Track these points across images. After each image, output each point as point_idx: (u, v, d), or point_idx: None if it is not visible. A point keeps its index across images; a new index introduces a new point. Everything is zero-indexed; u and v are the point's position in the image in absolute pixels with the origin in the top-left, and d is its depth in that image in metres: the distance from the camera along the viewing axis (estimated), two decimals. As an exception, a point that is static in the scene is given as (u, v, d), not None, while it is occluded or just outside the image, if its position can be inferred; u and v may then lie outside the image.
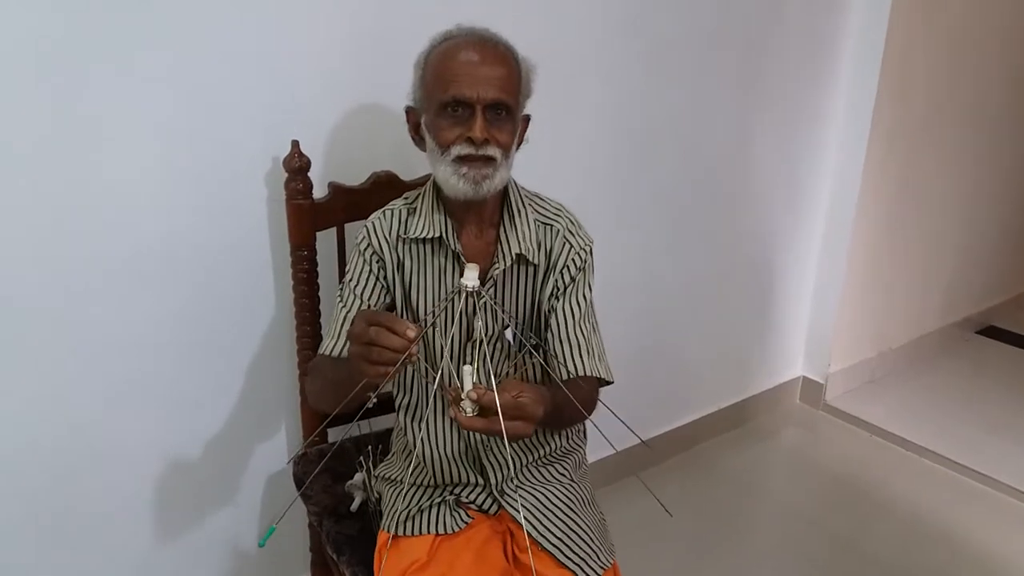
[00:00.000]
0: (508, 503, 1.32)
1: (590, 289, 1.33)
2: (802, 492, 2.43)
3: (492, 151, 1.17)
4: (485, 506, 1.35)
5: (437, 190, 1.26)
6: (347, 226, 1.54)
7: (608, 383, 1.30)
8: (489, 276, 1.26)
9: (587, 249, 1.31)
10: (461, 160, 1.17)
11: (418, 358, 1.00)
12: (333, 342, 1.27)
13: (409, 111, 1.27)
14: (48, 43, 1.28)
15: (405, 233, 1.28)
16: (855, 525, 2.26)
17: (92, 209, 1.39)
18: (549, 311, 1.30)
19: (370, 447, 1.52)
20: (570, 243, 1.30)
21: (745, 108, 2.32)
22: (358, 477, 1.48)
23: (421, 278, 1.29)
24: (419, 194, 1.32)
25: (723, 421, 2.66)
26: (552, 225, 1.30)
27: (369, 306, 1.28)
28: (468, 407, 0.99)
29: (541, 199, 1.34)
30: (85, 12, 1.30)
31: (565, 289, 1.29)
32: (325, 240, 1.53)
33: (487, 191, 1.19)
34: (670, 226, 2.26)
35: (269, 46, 1.47)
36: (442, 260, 1.27)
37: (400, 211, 1.30)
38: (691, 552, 2.14)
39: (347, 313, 1.28)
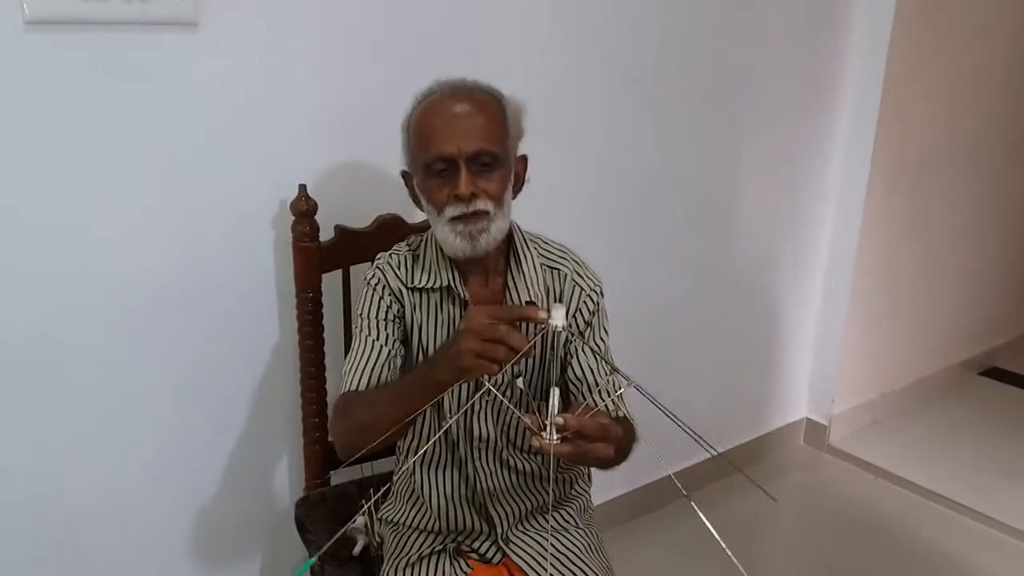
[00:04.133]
0: (513, 551, 1.30)
1: (606, 332, 1.30)
2: (808, 535, 2.41)
3: (483, 204, 1.15)
4: (488, 555, 1.32)
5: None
6: (352, 268, 1.54)
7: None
8: None
9: (597, 290, 1.29)
10: (455, 220, 1.16)
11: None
12: (363, 377, 1.21)
13: (405, 175, 1.27)
14: (56, 91, 1.29)
15: (411, 282, 1.27)
16: (861, 568, 2.23)
17: (99, 252, 1.39)
18: (567, 356, 1.27)
19: (372, 489, 1.51)
20: (580, 286, 1.28)
21: (744, 151, 2.32)
22: (360, 520, 1.45)
23: (429, 326, 1.27)
24: (422, 240, 1.31)
25: (726, 464, 2.55)
26: (559, 269, 1.28)
27: (390, 339, 1.24)
28: (553, 433, 0.94)
29: (544, 241, 1.32)
30: (94, 63, 1.31)
31: (581, 333, 1.27)
32: (329, 281, 1.53)
33: (485, 245, 1.17)
34: (670, 269, 2.26)
35: (276, 91, 1.49)
36: (451, 308, 1.26)
37: (405, 257, 1.29)
38: None
39: (374, 344, 1.23)
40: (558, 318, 0.97)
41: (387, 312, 1.26)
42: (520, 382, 1.26)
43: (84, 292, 1.40)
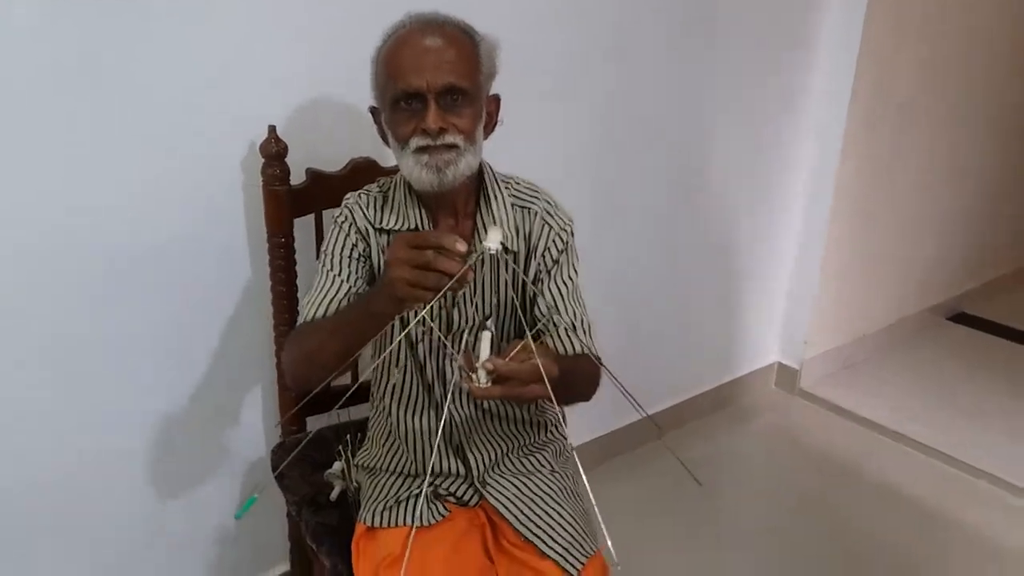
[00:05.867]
0: (490, 493, 1.30)
1: (575, 271, 1.29)
2: (778, 477, 2.45)
3: (452, 138, 1.12)
4: (465, 497, 1.33)
5: (409, 183, 1.22)
6: (324, 212, 1.51)
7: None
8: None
9: (568, 230, 1.28)
10: (421, 151, 1.13)
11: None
12: (319, 309, 1.20)
13: (373, 111, 1.24)
14: (13, 45, 1.25)
15: (379, 223, 1.25)
16: (830, 510, 2.27)
17: (66, 197, 1.35)
18: (535, 295, 1.27)
19: (349, 435, 1.50)
20: (549, 225, 1.27)
21: (719, 95, 2.28)
22: (337, 466, 1.46)
23: None
24: (393, 182, 1.28)
25: (698, 408, 2.65)
26: (529, 207, 1.27)
27: (352, 276, 1.23)
28: (483, 376, 0.94)
29: (516, 181, 1.30)
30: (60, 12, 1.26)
31: (549, 272, 1.27)
32: (302, 227, 1.51)
33: (452, 178, 1.14)
34: (644, 212, 2.24)
35: (246, 30, 1.44)
36: None
37: (375, 197, 1.27)
38: (673, 537, 2.14)
39: (335, 280, 1.22)
40: (492, 240, 0.94)
41: (352, 250, 1.24)
42: (490, 323, 1.25)
43: (50, 241, 1.36)
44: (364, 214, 1.25)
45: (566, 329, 1.24)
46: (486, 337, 0.95)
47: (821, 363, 2.90)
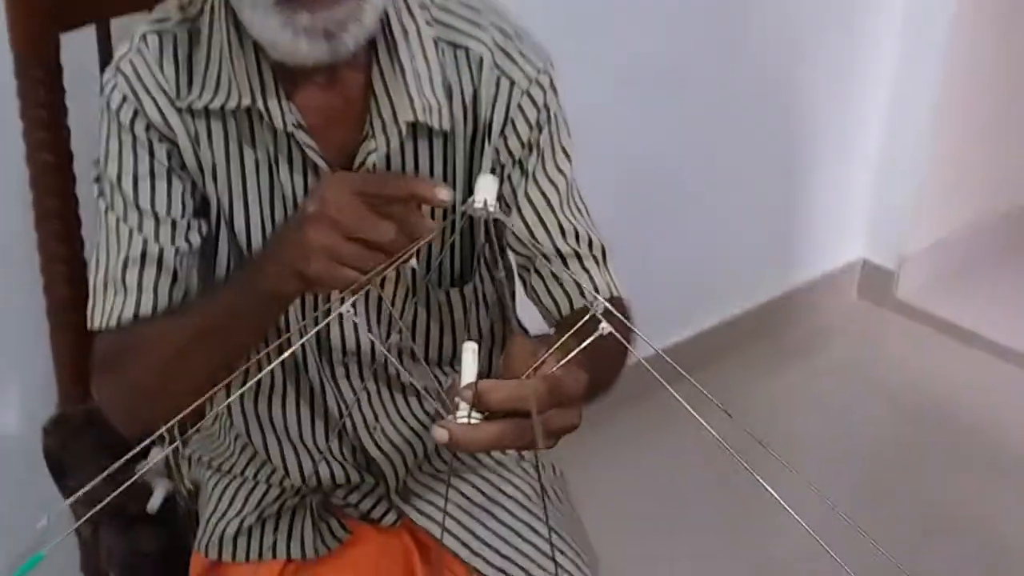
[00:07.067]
0: (417, 508, 1.28)
1: (567, 155, 1.21)
2: (861, 435, 2.52)
3: None
4: (375, 515, 1.30)
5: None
6: (115, 23, 1.40)
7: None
8: (358, 167, 1.12)
9: (544, 82, 1.16)
10: (290, 1, 1.00)
11: None
12: (126, 306, 1.13)
13: None
14: None
15: (183, 97, 1.11)
16: (936, 473, 2.35)
17: None
18: (495, 222, 1.16)
19: None
20: (509, 76, 1.15)
21: None
22: (157, 455, 1.35)
23: (233, 178, 1.15)
24: (208, 6, 1.13)
25: (745, 331, 2.71)
26: (468, 47, 1.15)
27: (163, 222, 1.13)
28: (462, 410, 0.86)
29: None
30: None
31: (520, 164, 1.18)
32: (75, 48, 1.39)
33: (353, 44, 1.02)
34: (658, 42, 2.28)
35: None
36: (268, 145, 1.12)
37: (172, 37, 1.12)
38: (703, 519, 2.19)
39: (133, 239, 1.12)
40: (485, 190, 0.91)
41: (151, 165, 1.12)
42: (413, 264, 1.19)
43: None
44: (158, 83, 1.11)
45: (564, 261, 1.19)
46: (470, 349, 0.88)
47: (929, 261, 2.93)
